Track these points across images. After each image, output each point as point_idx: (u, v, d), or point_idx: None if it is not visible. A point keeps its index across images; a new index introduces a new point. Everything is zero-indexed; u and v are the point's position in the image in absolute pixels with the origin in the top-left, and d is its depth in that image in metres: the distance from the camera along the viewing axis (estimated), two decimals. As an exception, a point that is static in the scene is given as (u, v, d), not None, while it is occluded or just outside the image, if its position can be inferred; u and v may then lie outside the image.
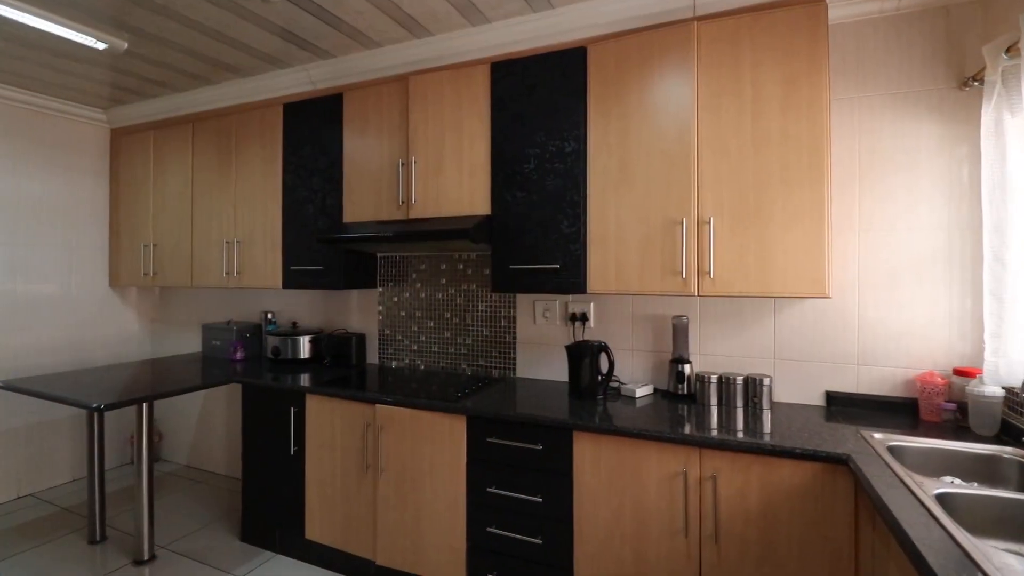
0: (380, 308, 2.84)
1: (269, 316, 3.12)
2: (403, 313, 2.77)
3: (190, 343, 3.57)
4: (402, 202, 2.39)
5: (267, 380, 2.40)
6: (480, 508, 1.93)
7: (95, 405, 2.01)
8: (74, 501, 2.97)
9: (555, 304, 2.40)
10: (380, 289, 2.84)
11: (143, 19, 2.16)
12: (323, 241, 2.37)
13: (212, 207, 2.97)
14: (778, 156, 1.76)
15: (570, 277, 2.03)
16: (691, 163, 1.86)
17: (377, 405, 2.12)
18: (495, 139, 2.19)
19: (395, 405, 2.08)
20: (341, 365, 2.75)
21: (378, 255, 2.83)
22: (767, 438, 1.56)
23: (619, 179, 1.98)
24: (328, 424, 2.25)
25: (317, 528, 2.28)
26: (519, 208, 2.13)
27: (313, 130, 2.64)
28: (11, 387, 2.29)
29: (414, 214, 2.36)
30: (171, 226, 3.14)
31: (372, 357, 2.85)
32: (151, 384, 2.38)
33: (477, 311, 2.57)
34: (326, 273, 2.58)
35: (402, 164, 2.39)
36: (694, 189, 1.86)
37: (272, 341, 2.86)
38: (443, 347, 2.66)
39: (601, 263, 2.00)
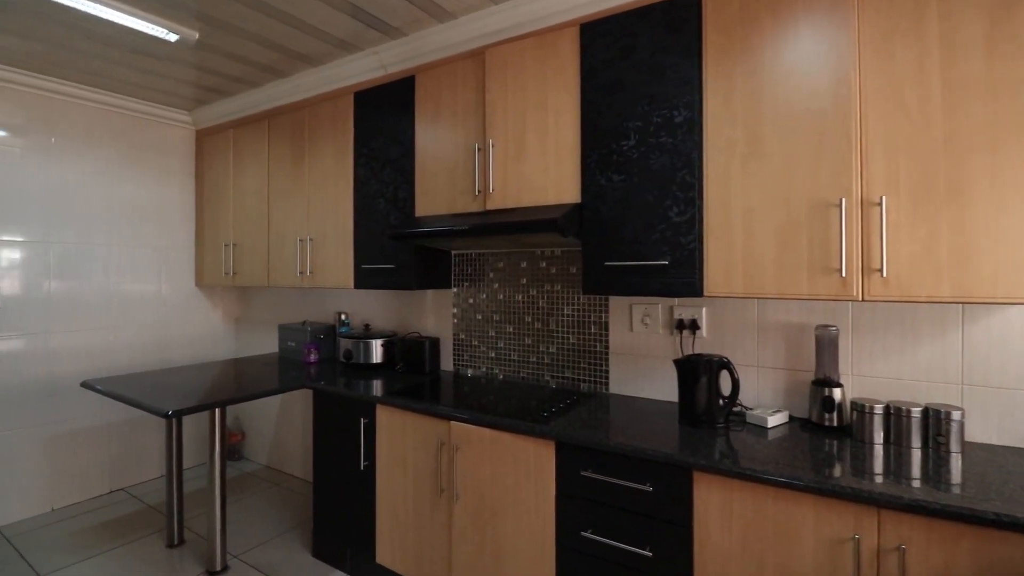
0: (455, 310, 2.60)
1: (342, 317, 3.00)
2: (479, 316, 2.51)
3: (271, 343, 3.55)
4: (478, 192, 2.13)
5: (336, 387, 2.23)
6: (572, 554, 1.61)
7: (167, 412, 1.93)
8: (160, 498, 3.01)
9: (656, 309, 2.02)
10: (455, 289, 2.60)
11: (212, 5, 2.05)
12: (394, 237, 2.16)
13: (286, 204, 2.89)
14: (982, 113, 1.28)
15: (681, 276, 1.65)
16: (851, 126, 1.42)
17: (452, 422, 1.86)
18: (586, 114, 1.86)
19: (472, 423, 1.82)
20: (414, 371, 2.54)
21: (452, 252, 2.59)
22: (973, 495, 1.11)
23: (746, 153, 1.58)
24: (399, 439, 2.03)
25: (388, 553, 2.07)
26: (616, 194, 1.79)
27: (384, 118, 2.45)
28: (90, 386, 2.29)
29: (492, 205, 2.08)
30: (249, 225, 3.11)
31: (446, 363, 2.62)
32: (228, 386, 2.29)
33: (562, 315, 2.25)
34: (398, 272, 2.38)
35: (478, 149, 2.13)
36: (855, 160, 1.42)
37: (344, 344, 2.71)
38: (523, 355, 2.36)
39: (723, 259, 1.61)
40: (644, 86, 1.74)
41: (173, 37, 2.17)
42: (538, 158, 1.97)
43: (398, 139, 2.40)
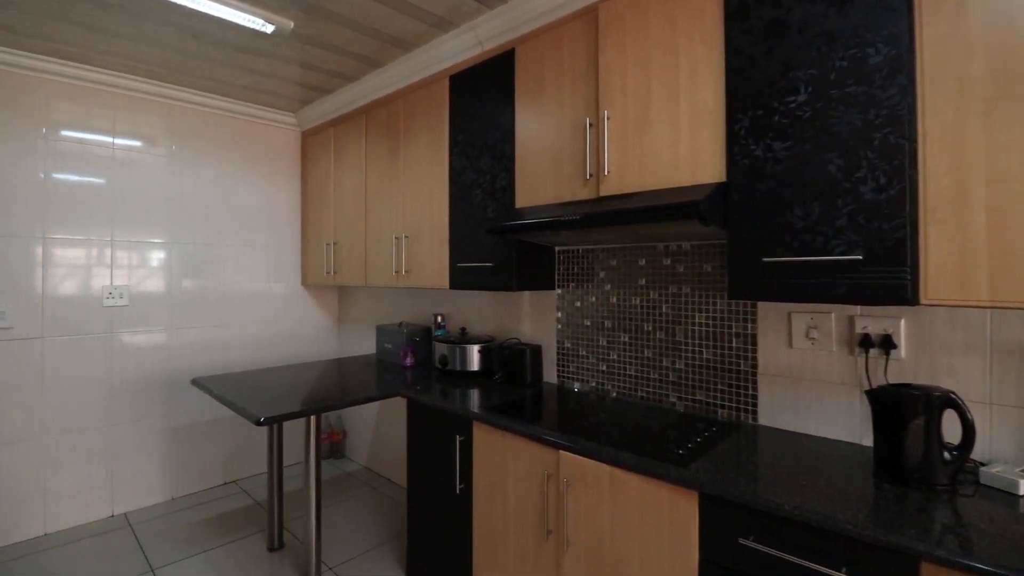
0: (559, 315, 2.28)
1: (438, 319, 2.82)
2: (588, 322, 2.17)
3: (371, 342, 3.50)
4: (590, 176, 1.79)
5: (430, 398, 2.02)
6: (722, 643, 1.22)
7: (259, 419, 1.83)
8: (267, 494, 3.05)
9: (828, 319, 1.54)
10: (559, 291, 2.28)
11: (304, -11, 1.93)
12: (492, 231, 1.90)
13: (382, 201, 2.76)
14: None
15: (882, 276, 1.19)
16: None
17: (561, 451, 1.55)
18: (733, 68, 1.44)
19: (585, 456, 1.49)
20: (514, 382, 2.27)
21: (556, 248, 2.28)
22: None
23: (995, 97, 1.08)
24: (499, 464, 1.76)
25: (485, 591, 1.82)
26: (778, 168, 1.35)
27: (480, 101, 2.20)
28: (199, 384, 2.31)
29: (607, 190, 1.74)
30: (348, 223, 3.05)
31: (549, 375, 2.32)
32: (325, 389, 2.19)
33: (693, 324, 1.84)
34: (496, 271, 2.12)
35: (590, 125, 1.79)
36: None
37: (440, 348, 2.52)
38: (642, 370, 1.99)
39: (953, 251, 1.12)
40: (819, 20, 1.29)
41: (269, 28, 2.09)
42: (666, 129, 1.59)
43: (495, 123, 2.14)
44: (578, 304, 2.21)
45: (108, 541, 2.50)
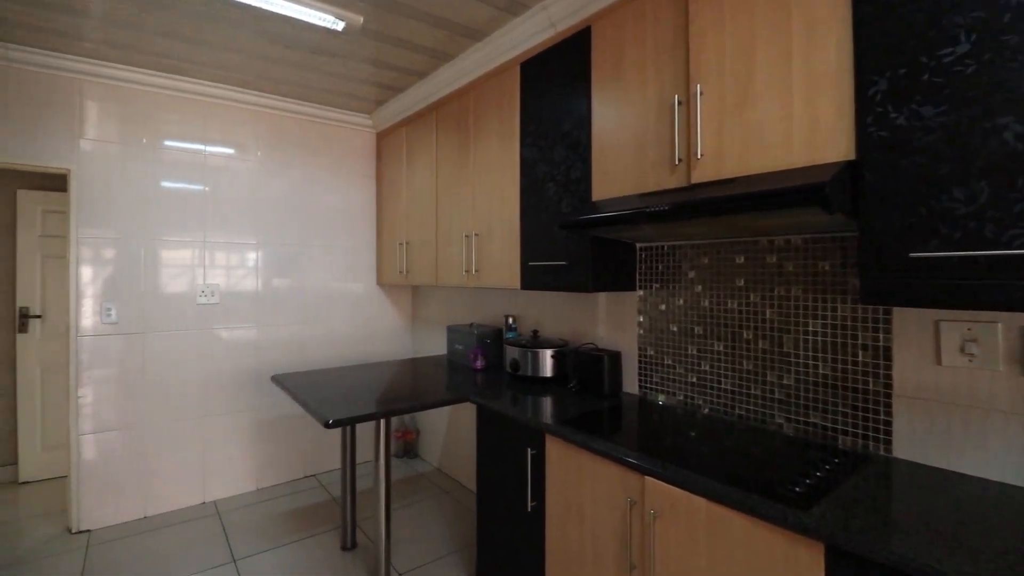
0: (640, 318, 2.07)
1: (509, 321, 2.70)
2: (674, 328, 1.94)
3: (443, 343, 3.47)
4: (679, 161, 1.57)
5: (500, 405, 1.90)
6: None
7: (327, 420, 1.80)
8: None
9: (993, 331, 1.22)
10: (640, 292, 2.07)
11: (372, -19, 1.87)
12: (565, 226, 1.73)
13: (452, 199, 2.69)
14: None
15: (1094, 275, 0.88)
16: None
17: (647, 477, 1.36)
18: (863, 17, 1.17)
19: (676, 485, 1.28)
20: (591, 392, 2.09)
21: (637, 245, 2.07)
22: None
23: None
24: (575, 484, 1.59)
25: (558, 621, 1.66)
26: (929, 138, 1.07)
27: (553, 87, 2.04)
28: (277, 382, 2.35)
29: (700, 177, 1.51)
30: (419, 223, 3.01)
31: (629, 384, 2.11)
32: (396, 390, 2.14)
33: (805, 332, 1.56)
34: (570, 270, 1.95)
35: (678, 103, 1.57)
36: None
37: (511, 352, 2.39)
38: (740, 384, 1.73)
39: None
40: (992, -54, 1.00)
41: (340, 24, 2.07)
42: (774, 101, 1.34)
43: (569, 110, 1.97)
44: (663, 307, 1.98)
45: (198, 528, 2.63)
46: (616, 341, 2.17)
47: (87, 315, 2.61)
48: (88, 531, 2.59)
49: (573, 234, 1.93)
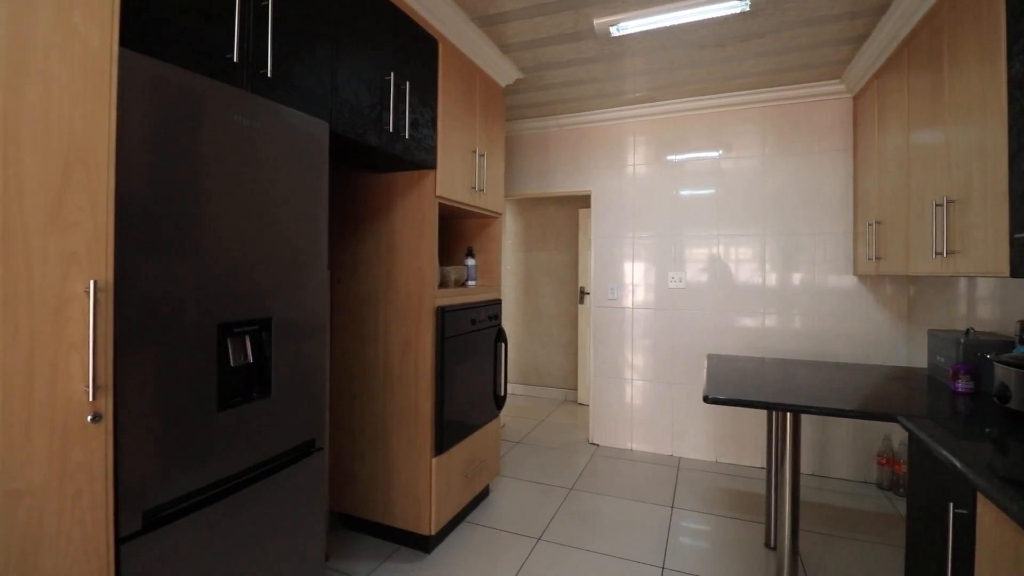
0: None
1: (1033, 327, 1.76)
2: None
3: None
4: None
5: (931, 431, 1.39)
6: None
7: (706, 395, 1.89)
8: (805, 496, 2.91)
9: None
10: None
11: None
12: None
13: (924, 157, 2.03)
14: None
15: None
16: None
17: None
18: None
19: None
20: None
21: None
22: None
23: None
24: None
25: None
26: None
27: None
28: (710, 358, 2.54)
29: None
30: (891, 194, 2.41)
31: None
32: (823, 392, 1.93)
33: None
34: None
35: None
36: None
37: (1000, 373, 1.61)
38: None
39: None
40: None
41: (745, 5, 2.03)
42: None
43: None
44: None
45: (658, 471, 3.21)
46: None
47: (599, 293, 3.70)
48: (597, 445, 3.69)
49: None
